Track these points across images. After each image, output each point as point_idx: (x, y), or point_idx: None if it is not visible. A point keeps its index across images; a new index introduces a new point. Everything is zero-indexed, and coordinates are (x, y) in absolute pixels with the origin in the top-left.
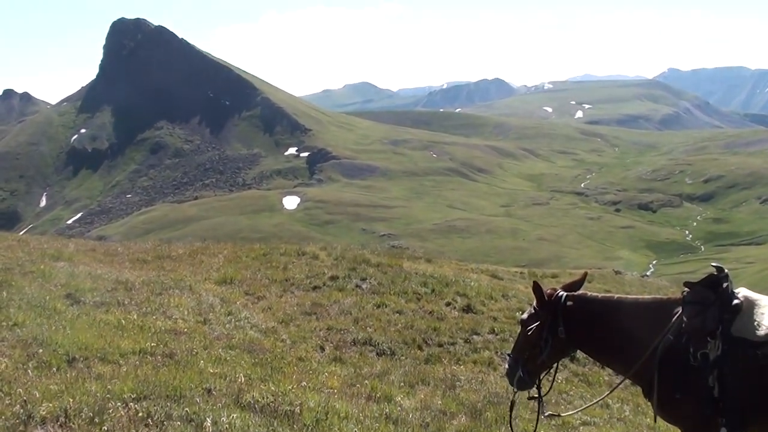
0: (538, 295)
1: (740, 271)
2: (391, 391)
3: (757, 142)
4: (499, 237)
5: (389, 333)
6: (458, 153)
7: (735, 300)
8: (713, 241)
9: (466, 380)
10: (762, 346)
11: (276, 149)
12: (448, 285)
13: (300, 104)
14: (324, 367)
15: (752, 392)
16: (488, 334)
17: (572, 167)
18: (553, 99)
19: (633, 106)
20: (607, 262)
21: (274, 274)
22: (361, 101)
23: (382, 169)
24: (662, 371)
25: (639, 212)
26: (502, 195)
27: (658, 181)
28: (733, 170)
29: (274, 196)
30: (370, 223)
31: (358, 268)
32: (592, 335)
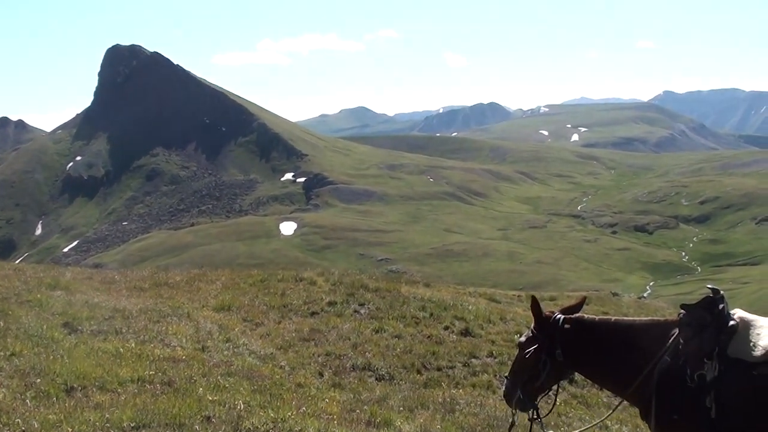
0: (536, 316)
1: (737, 292)
2: (390, 416)
3: (752, 163)
4: (497, 260)
5: (388, 358)
6: (455, 177)
7: (731, 321)
8: (710, 262)
9: (465, 404)
10: (758, 366)
11: (272, 175)
12: (446, 309)
13: (296, 129)
14: (323, 392)
15: (749, 413)
16: (486, 357)
17: (569, 190)
18: (549, 122)
19: (629, 128)
20: (604, 284)
21: (271, 301)
22: (357, 126)
23: (379, 194)
24: (660, 393)
25: (636, 234)
26: (499, 218)
27: (655, 203)
28: (728, 191)
29: (270, 222)
30: (368, 248)
31: (356, 293)
32: (590, 358)
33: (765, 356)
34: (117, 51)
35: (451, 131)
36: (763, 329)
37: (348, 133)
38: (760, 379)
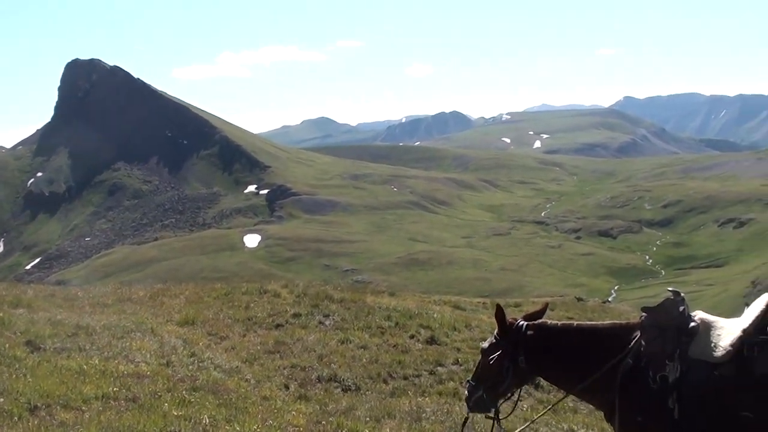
0: (500, 322)
1: (700, 294)
2: (357, 426)
3: (713, 166)
4: (461, 268)
5: (354, 368)
6: (419, 186)
7: (692, 323)
8: (673, 265)
9: (432, 412)
10: (719, 367)
11: (235, 187)
12: (412, 318)
13: (258, 141)
14: (289, 405)
15: (712, 413)
16: (452, 365)
17: (532, 197)
18: (511, 130)
19: (590, 134)
20: (569, 289)
21: (236, 314)
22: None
23: (343, 204)
24: (623, 395)
25: (599, 239)
26: (463, 226)
27: (618, 207)
28: (690, 195)
29: (234, 235)
30: (333, 259)
31: (320, 304)
32: (553, 363)
33: (726, 357)
34: (77, 65)
35: (414, 140)
36: (724, 330)
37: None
38: (722, 379)
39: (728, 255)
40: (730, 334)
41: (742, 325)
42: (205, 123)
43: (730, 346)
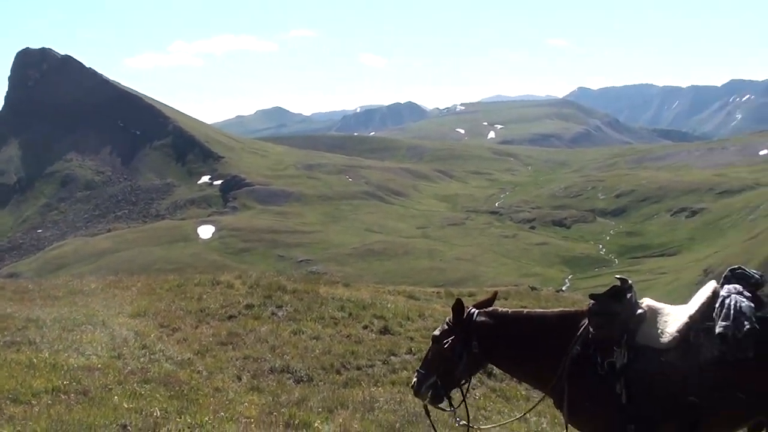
0: (454, 310)
1: (653, 283)
2: (309, 417)
3: (665, 156)
4: (416, 258)
5: (307, 359)
6: (373, 176)
7: (639, 309)
8: (627, 254)
9: (385, 401)
10: (666, 352)
11: (189, 178)
12: (365, 308)
13: (212, 131)
14: (241, 396)
15: (658, 398)
16: (406, 354)
17: (486, 187)
18: (466, 120)
19: (544, 125)
20: (523, 278)
21: (188, 305)
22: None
23: (297, 195)
24: (572, 381)
25: (553, 229)
26: (418, 217)
27: (571, 197)
28: (643, 184)
29: (188, 226)
30: (287, 250)
31: (273, 295)
32: (504, 349)
33: (672, 343)
34: (27, 54)
35: (369, 131)
36: (671, 317)
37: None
38: (669, 365)
39: (680, 244)
40: (677, 321)
41: (689, 311)
42: (158, 113)
43: (677, 332)
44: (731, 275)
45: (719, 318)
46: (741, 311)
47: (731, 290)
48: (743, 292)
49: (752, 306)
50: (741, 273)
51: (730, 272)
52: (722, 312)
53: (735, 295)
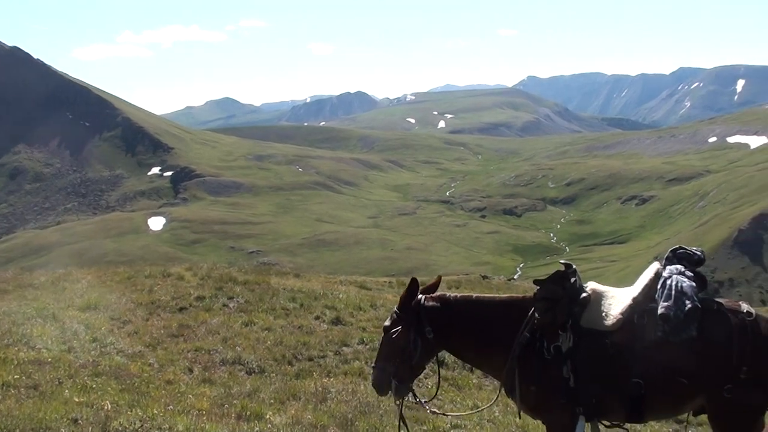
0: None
1: (604, 270)
2: (261, 409)
3: (615, 144)
4: (368, 248)
5: (258, 351)
6: (324, 166)
7: (583, 293)
8: (577, 242)
9: (337, 392)
10: (611, 335)
11: (139, 169)
12: (317, 299)
13: (162, 123)
14: (193, 389)
15: (605, 380)
16: (358, 344)
17: (437, 176)
18: (416, 110)
19: (494, 114)
20: (475, 267)
21: (139, 298)
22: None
23: (248, 186)
24: (521, 366)
25: (504, 217)
26: (369, 206)
27: (522, 186)
28: (593, 173)
29: (139, 218)
30: (239, 241)
31: (224, 286)
32: (454, 335)
33: (616, 325)
34: None
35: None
36: (615, 300)
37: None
38: (613, 347)
39: (631, 232)
40: (621, 303)
41: (632, 294)
42: (107, 104)
43: (621, 314)
44: (673, 255)
45: (661, 299)
46: (683, 291)
47: (673, 271)
48: (685, 272)
49: (694, 286)
50: (683, 252)
51: (672, 252)
52: (664, 293)
53: (677, 276)
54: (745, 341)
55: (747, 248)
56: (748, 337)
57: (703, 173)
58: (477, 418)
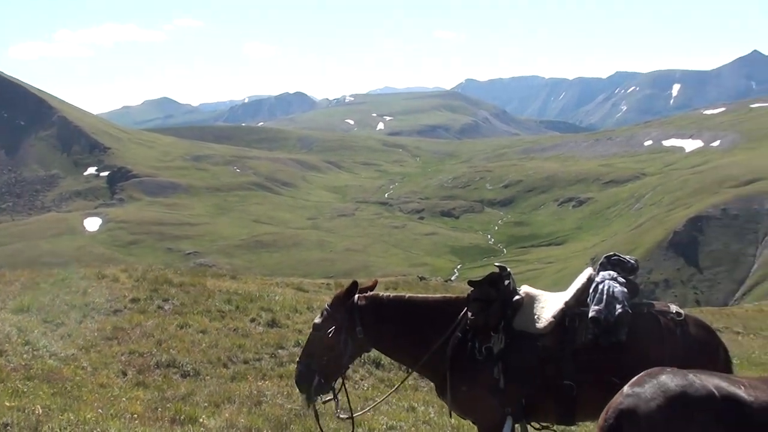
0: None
1: (541, 272)
2: (195, 412)
3: (552, 147)
4: (307, 249)
5: (193, 353)
6: (262, 167)
7: (516, 296)
8: (515, 243)
9: (272, 395)
10: (542, 337)
11: (75, 169)
12: (253, 301)
13: (98, 122)
14: (126, 392)
15: (535, 382)
16: (294, 347)
17: (376, 178)
18: (355, 111)
19: (433, 116)
20: (413, 268)
21: (73, 300)
22: (161, 117)
23: (185, 186)
24: (453, 367)
25: (442, 219)
26: (307, 208)
27: (460, 188)
28: (530, 175)
29: (74, 218)
30: (176, 242)
31: (159, 288)
32: (385, 335)
33: (548, 328)
34: None
35: (257, 121)
36: (547, 303)
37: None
38: (545, 349)
39: (568, 233)
40: (553, 307)
41: (564, 298)
42: (43, 103)
43: (552, 317)
44: (607, 262)
45: (593, 303)
46: (614, 296)
47: (606, 276)
48: (617, 278)
49: (625, 291)
50: (616, 259)
51: (606, 259)
52: (596, 297)
53: (609, 281)
54: (675, 342)
55: (682, 250)
56: (678, 338)
57: (639, 176)
58: (413, 419)
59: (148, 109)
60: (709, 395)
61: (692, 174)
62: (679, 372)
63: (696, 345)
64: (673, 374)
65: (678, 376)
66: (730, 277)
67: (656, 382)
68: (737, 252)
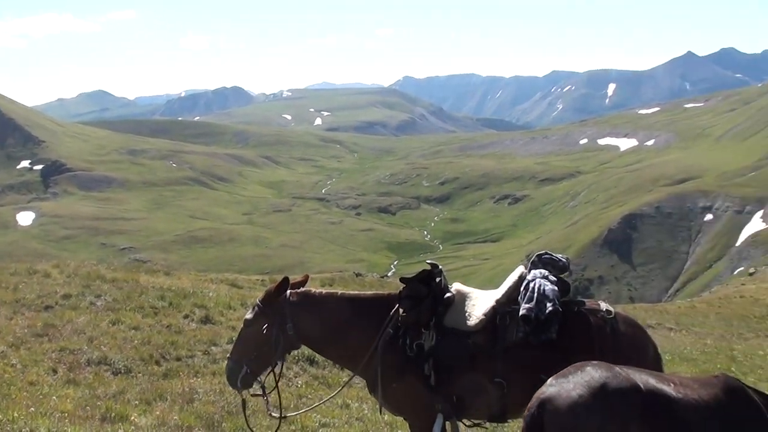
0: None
1: (477, 268)
2: (126, 410)
3: (488, 144)
4: (242, 245)
5: (125, 350)
6: (198, 162)
7: (448, 293)
8: (451, 240)
9: (204, 393)
10: (473, 335)
11: (8, 162)
12: (186, 297)
13: (33, 115)
14: (56, 390)
15: (466, 379)
16: (227, 344)
17: (313, 173)
18: (292, 106)
19: (370, 112)
20: (349, 264)
21: (3, 296)
22: (97, 110)
23: (120, 181)
24: (384, 363)
25: (379, 215)
26: (243, 203)
27: (397, 184)
28: (467, 172)
29: (7, 213)
30: (110, 237)
31: (92, 284)
32: (318, 331)
33: (479, 325)
34: None
35: (194, 115)
36: (479, 300)
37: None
38: (475, 347)
39: (503, 230)
40: (484, 304)
41: (496, 296)
42: None
43: (483, 315)
44: (538, 260)
45: (524, 301)
46: (544, 294)
47: (537, 275)
48: (548, 276)
49: (556, 290)
50: (548, 258)
51: (537, 257)
52: (527, 295)
53: (540, 279)
54: (605, 340)
55: (616, 247)
56: (608, 336)
57: (574, 174)
58: (346, 416)
59: (83, 101)
60: (632, 388)
61: (627, 172)
62: (604, 365)
63: (626, 342)
64: (599, 367)
65: (603, 369)
66: (663, 274)
67: (580, 374)
68: (670, 249)
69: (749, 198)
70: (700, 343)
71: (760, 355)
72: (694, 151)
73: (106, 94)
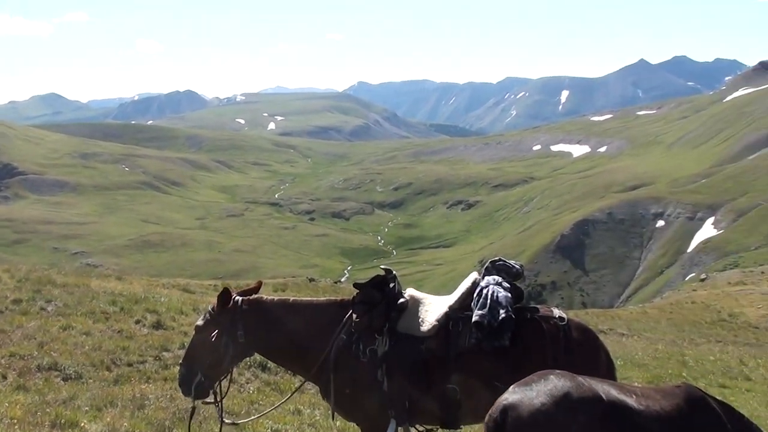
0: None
1: (430, 273)
2: (76, 416)
3: (442, 150)
4: (195, 250)
5: (76, 356)
6: (151, 166)
7: (401, 299)
8: (404, 245)
9: (156, 398)
10: (426, 341)
11: None
12: (138, 302)
13: None
14: (6, 396)
15: (419, 385)
16: (179, 349)
17: (266, 178)
18: (246, 111)
19: (324, 118)
20: (303, 270)
21: None
22: (49, 113)
23: (73, 184)
24: (336, 369)
25: (333, 220)
26: (196, 207)
27: (350, 190)
28: (420, 177)
29: None
30: (62, 241)
31: (43, 289)
32: (270, 338)
33: (432, 331)
34: None
35: (147, 119)
36: (432, 306)
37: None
38: (428, 352)
39: (456, 236)
40: (437, 310)
41: (449, 302)
42: None
43: (436, 321)
44: (492, 266)
45: (477, 307)
46: (497, 301)
47: (490, 281)
48: (502, 282)
49: (509, 296)
50: (501, 264)
51: (491, 263)
52: (480, 301)
53: (493, 286)
54: (557, 346)
55: (569, 252)
56: (560, 343)
57: (527, 180)
58: (298, 422)
59: (35, 104)
60: (594, 398)
61: (579, 179)
62: (568, 374)
63: (578, 349)
64: (562, 376)
65: (566, 378)
66: (616, 280)
67: (543, 382)
68: (622, 255)
69: (701, 205)
70: (651, 348)
71: (711, 360)
72: (647, 157)
73: (58, 97)
